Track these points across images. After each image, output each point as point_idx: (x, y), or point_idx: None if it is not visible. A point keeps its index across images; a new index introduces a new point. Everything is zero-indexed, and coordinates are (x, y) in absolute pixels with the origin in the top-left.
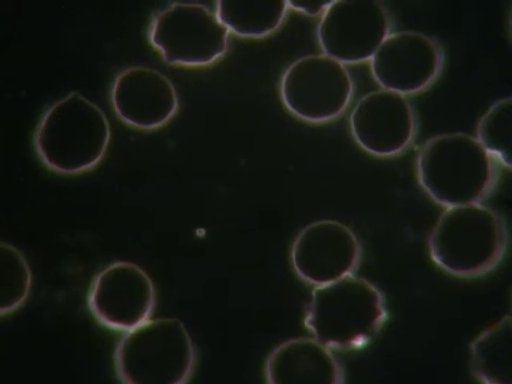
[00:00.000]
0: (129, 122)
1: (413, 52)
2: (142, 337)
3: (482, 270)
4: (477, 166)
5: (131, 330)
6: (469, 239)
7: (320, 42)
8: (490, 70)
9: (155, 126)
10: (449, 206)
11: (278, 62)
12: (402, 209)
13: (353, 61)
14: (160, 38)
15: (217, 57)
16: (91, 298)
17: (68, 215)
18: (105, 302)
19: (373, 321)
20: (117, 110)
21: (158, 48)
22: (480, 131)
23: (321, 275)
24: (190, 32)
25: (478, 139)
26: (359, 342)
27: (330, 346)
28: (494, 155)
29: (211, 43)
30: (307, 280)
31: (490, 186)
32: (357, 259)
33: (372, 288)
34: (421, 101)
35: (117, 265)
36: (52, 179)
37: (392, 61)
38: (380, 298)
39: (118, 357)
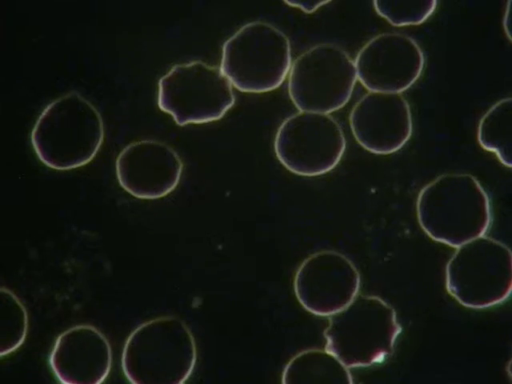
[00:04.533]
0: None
1: (398, 52)
2: (143, 336)
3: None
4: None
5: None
6: (483, 272)
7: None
8: (488, 69)
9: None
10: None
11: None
12: (400, 207)
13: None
14: (167, 101)
15: (226, 110)
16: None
17: (66, 212)
18: (64, 362)
19: (389, 336)
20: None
21: (167, 112)
22: (479, 129)
23: (324, 305)
24: (195, 90)
25: (479, 139)
26: (379, 359)
27: (353, 366)
28: (493, 153)
29: (218, 97)
30: (311, 310)
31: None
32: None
33: (385, 304)
34: (419, 99)
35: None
36: (49, 177)
37: (378, 61)
38: (394, 313)
39: (122, 355)
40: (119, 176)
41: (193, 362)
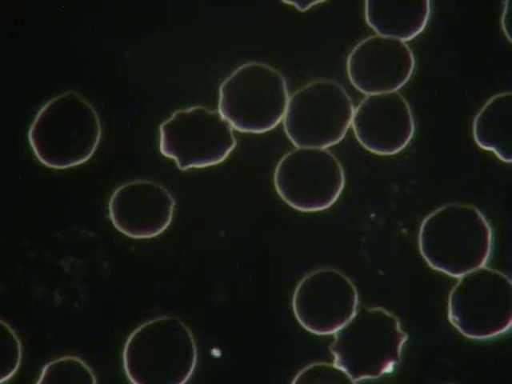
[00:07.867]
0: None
1: (389, 52)
2: (142, 337)
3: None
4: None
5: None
6: (485, 302)
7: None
8: (485, 66)
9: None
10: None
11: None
12: (399, 206)
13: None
14: (170, 147)
15: (228, 153)
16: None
17: (64, 211)
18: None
19: (396, 345)
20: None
21: (170, 157)
22: (476, 127)
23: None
24: (196, 134)
25: (475, 139)
26: (389, 369)
27: (363, 379)
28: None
29: (219, 141)
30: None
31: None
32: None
33: (388, 313)
34: (419, 98)
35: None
36: (47, 176)
37: (370, 62)
38: (398, 322)
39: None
40: (113, 218)
41: (193, 366)
